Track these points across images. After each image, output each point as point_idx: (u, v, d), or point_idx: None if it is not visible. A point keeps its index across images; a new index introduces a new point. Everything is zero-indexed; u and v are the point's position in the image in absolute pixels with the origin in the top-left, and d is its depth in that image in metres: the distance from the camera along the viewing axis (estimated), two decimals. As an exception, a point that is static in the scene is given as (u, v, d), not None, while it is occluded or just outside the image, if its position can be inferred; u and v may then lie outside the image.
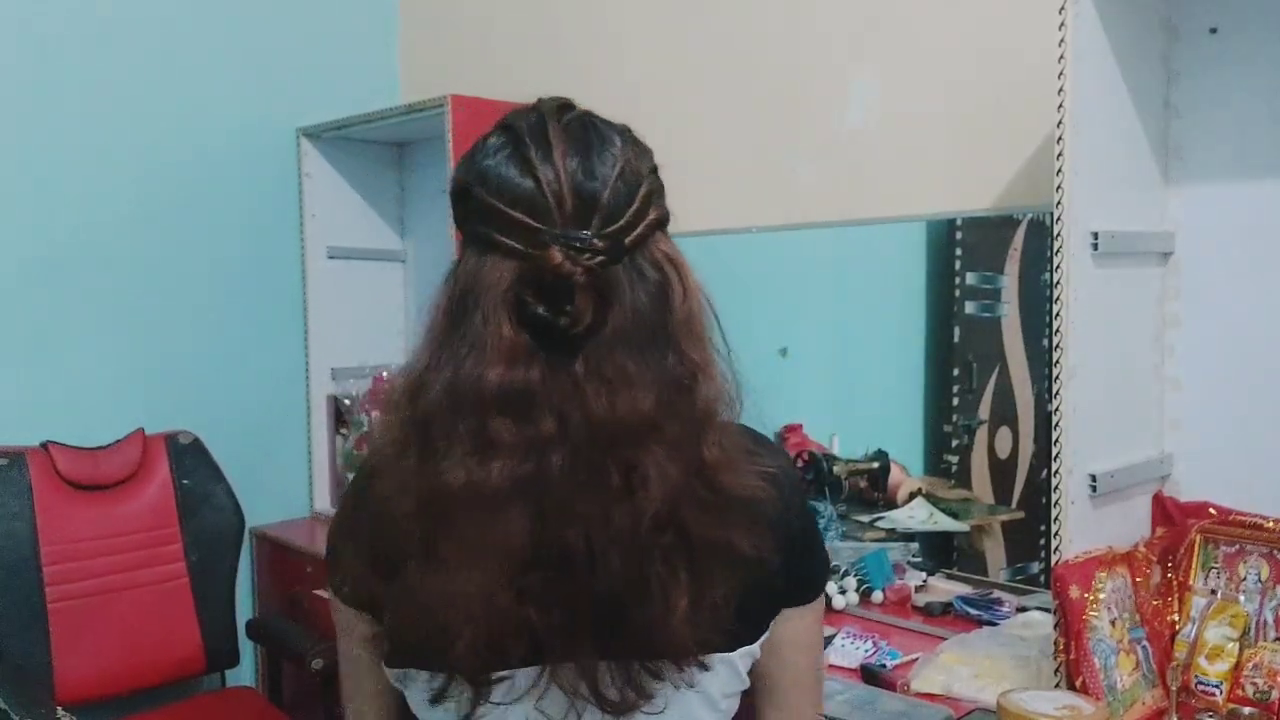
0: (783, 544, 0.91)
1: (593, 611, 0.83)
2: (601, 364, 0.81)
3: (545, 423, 0.80)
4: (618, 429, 0.80)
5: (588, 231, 0.82)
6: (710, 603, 0.84)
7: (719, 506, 0.84)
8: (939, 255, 2.12)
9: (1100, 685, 1.42)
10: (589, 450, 0.80)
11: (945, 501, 2.14)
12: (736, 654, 0.93)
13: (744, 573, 0.87)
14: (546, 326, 0.82)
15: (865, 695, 1.60)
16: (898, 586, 2.04)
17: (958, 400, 2.14)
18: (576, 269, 0.81)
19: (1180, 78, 1.62)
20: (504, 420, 0.80)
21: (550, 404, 0.81)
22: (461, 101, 2.43)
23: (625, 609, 0.82)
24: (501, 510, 0.80)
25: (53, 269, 2.51)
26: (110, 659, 2.34)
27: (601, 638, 0.84)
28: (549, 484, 0.80)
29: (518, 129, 0.88)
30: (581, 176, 0.84)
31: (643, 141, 0.92)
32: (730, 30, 2.29)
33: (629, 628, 0.83)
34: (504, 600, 0.81)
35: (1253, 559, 1.52)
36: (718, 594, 0.84)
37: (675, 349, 0.84)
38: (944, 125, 1.96)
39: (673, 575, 0.82)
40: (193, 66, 2.70)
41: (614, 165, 0.85)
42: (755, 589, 0.90)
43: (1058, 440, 1.46)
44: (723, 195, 2.31)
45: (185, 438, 2.56)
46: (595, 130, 0.89)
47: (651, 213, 0.87)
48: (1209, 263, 1.62)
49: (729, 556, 0.84)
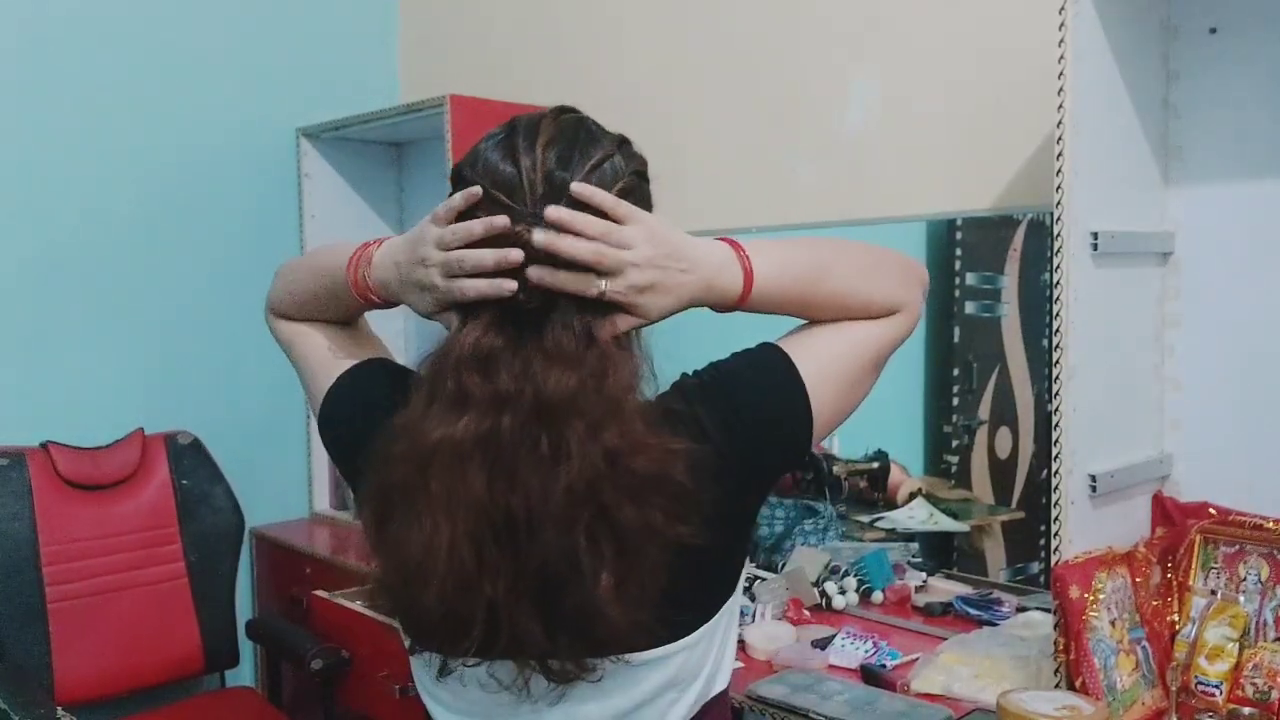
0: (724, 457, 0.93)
1: (532, 582, 0.88)
2: (547, 340, 0.89)
3: (503, 382, 0.88)
4: (548, 402, 0.87)
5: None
6: (640, 585, 0.87)
7: (635, 489, 0.87)
8: (939, 255, 2.12)
9: (1100, 685, 1.42)
10: (530, 419, 0.87)
11: (945, 502, 2.14)
12: (677, 646, 0.95)
13: (686, 559, 0.89)
14: (510, 299, 0.89)
15: (865, 695, 1.60)
16: (898, 587, 2.04)
17: (958, 400, 2.13)
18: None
19: (1180, 78, 1.62)
20: (474, 377, 0.88)
21: (507, 370, 0.88)
22: (461, 101, 2.43)
23: (560, 582, 0.87)
24: (465, 465, 0.87)
25: (53, 269, 2.51)
26: (110, 659, 2.34)
27: (541, 607, 0.88)
28: (501, 444, 0.87)
29: (517, 124, 0.94)
30: (555, 165, 0.91)
31: (638, 153, 0.98)
32: (730, 30, 2.29)
33: (565, 601, 0.88)
34: (467, 554, 0.86)
35: (1253, 559, 1.52)
36: (649, 578, 0.87)
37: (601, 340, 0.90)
38: (944, 125, 1.96)
39: (598, 553, 0.86)
40: (192, 67, 2.71)
41: (591, 159, 0.92)
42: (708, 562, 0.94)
43: (1058, 440, 1.46)
44: (723, 195, 2.31)
45: (185, 438, 2.56)
46: (585, 129, 0.95)
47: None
48: (1209, 263, 1.62)
49: (655, 539, 0.87)
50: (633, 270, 0.90)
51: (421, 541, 0.87)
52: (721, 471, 0.92)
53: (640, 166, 0.97)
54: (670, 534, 0.87)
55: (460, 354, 0.89)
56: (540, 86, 2.64)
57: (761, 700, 1.61)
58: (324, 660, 2.28)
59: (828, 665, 1.74)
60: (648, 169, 0.99)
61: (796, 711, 1.56)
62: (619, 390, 0.89)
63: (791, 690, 1.61)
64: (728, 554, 0.99)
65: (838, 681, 1.66)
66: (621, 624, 0.87)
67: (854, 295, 1.01)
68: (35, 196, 2.48)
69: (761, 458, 0.97)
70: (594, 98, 2.68)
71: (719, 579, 0.99)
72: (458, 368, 0.89)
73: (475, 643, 0.90)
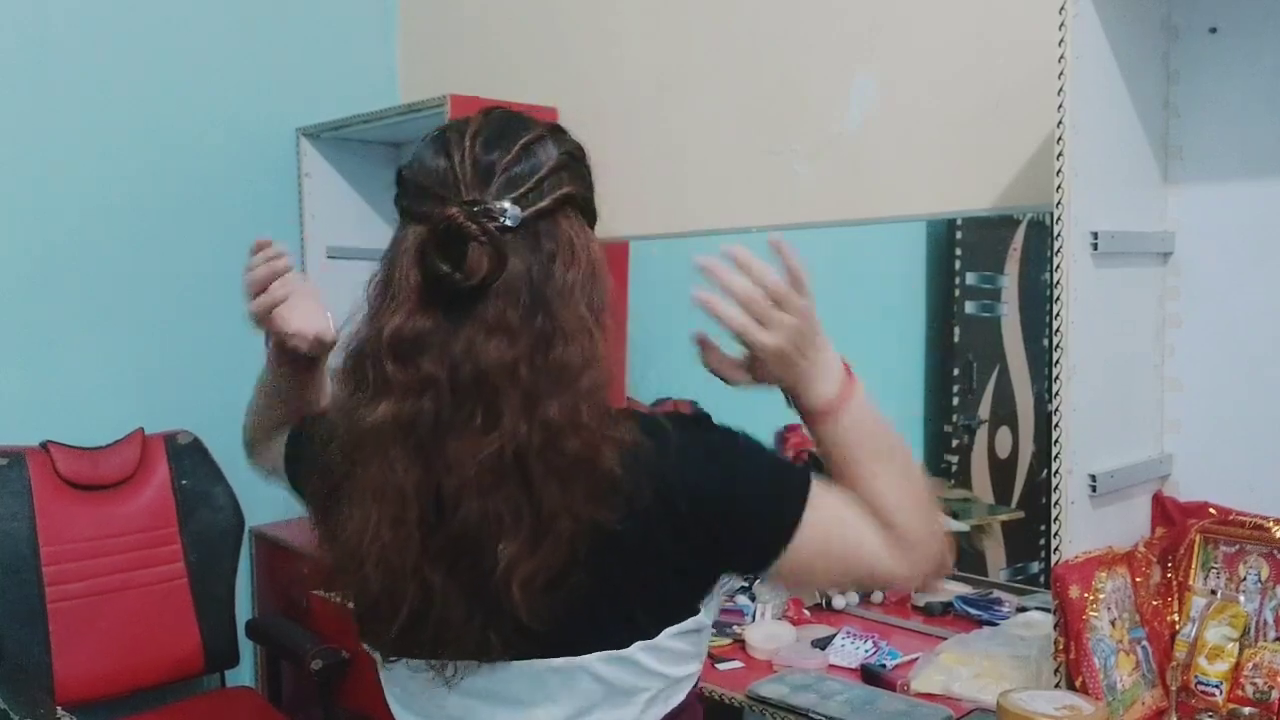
0: (656, 521, 0.90)
1: (454, 554, 0.89)
2: (487, 315, 0.90)
3: (426, 366, 0.89)
4: (483, 371, 0.88)
5: (487, 197, 0.91)
6: (550, 570, 0.87)
7: (562, 469, 0.87)
8: (939, 255, 2.12)
9: (1100, 685, 1.42)
10: (462, 393, 0.89)
11: (945, 501, 2.14)
12: (595, 657, 0.93)
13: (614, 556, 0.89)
14: (447, 280, 0.90)
15: (865, 695, 1.60)
16: (898, 586, 2.04)
17: (958, 400, 2.14)
18: (473, 226, 0.89)
19: (1180, 78, 1.62)
20: (396, 365, 0.90)
21: (438, 351, 0.90)
22: (461, 101, 2.42)
23: (476, 552, 0.88)
24: (391, 449, 0.89)
25: (53, 269, 2.51)
26: (110, 659, 2.34)
27: (461, 583, 0.90)
28: (424, 426, 0.89)
29: (450, 124, 0.99)
30: (482, 151, 0.94)
31: (572, 139, 1.00)
32: (730, 30, 2.29)
33: (481, 574, 0.89)
34: (397, 538, 0.89)
35: (1253, 559, 1.52)
36: (562, 564, 0.87)
37: (547, 311, 0.90)
38: (944, 125, 1.96)
39: (516, 528, 0.87)
40: (192, 66, 2.70)
41: (519, 144, 0.94)
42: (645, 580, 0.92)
43: (1058, 440, 1.46)
44: (723, 195, 2.30)
45: (185, 438, 2.56)
46: (513, 119, 0.98)
47: (557, 189, 0.94)
48: (1209, 263, 1.62)
49: (574, 524, 0.87)
50: (779, 333, 0.95)
51: (356, 528, 0.90)
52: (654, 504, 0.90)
53: (572, 149, 0.98)
54: (587, 519, 0.87)
55: (379, 342, 0.92)
56: (540, 86, 2.64)
57: (761, 700, 1.61)
58: (324, 660, 2.28)
59: (828, 665, 1.74)
60: (585, 154, 1.00)
61: (796, 711, 1.56)
62: (568, 366, 0.89)
63: (791, 690, 1.62)
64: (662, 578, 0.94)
65: (838, 681, 1.66)
66: (529, 606, 0.87)
67: (892, 491, 0.97)
68: (35, 196, 2.48)
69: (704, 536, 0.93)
70: (594, 98, 2.70)
71: (657, 599, 0.95)
72: (376, 355, 0.91)
73: (405, 623, 0.92)
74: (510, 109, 1.00)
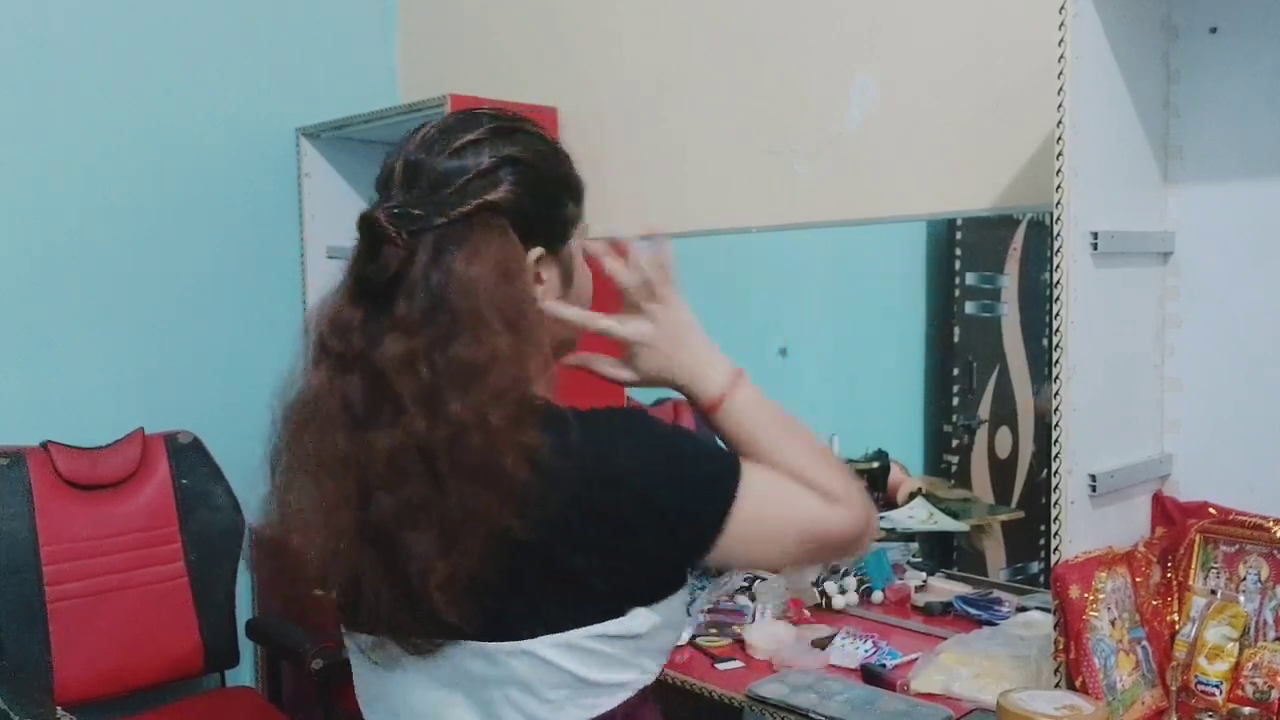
0: (569, 523, 0.90)
1: (376, 541, 0.91)
2: (395, 311, 0.93)
3: (350, 354, 0.94)
4: (386, 365, 0.91)
5: (409, 198, 0.95)
6: (468, 574, 0.88)
7: (470, 468, 0.88)
8: (939, 255, 2.12)
9: (1100, 685, 1.42)
10: (374, 384, 0.92)
11: (945, 501, 2.14)
12: (510, 647, 0.93)
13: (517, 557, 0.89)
14: (364, 277, 0.95)
15: (865, 695, 1.60)
16: (898, 586, 2.04)
17: (958, 400, 2.14)
18: (389, 229, 0.93)
19: (1180, 78, 1.62)
20: (330, 344, 0.95)
21: (360, 340, 0.94)
22: (461, 101, 2.42)
23: (390, 543, 0.90)
24: (326, 427, 0.93)
25: (53, 269, 2.51)
26: (110, 659, 2.34)
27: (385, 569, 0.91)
28: (353, 405, 0.93)
29: (424, 120, 1.02)
30: (417, 152, 0.97)
31: (535, 140, 1.00)
32: (730, 30, 2.29)
33: (397, 562, 0.90)
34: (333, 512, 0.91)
35: (1252, 559, 1.52)
36: (475, 566, 0.88)
37: (447, 309, 0.92)
38: (944, 125, 1.96)
39: (427, 521, 0.88)
40: (192, 66, 2.70)
41: (453, 146, 0.97)
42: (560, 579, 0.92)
43: (1058, 440, 1.46)
44: (723, 195, 2.30)
45: (185, 437, 2.56)
46: (469, 120, 0.99)
47: (482, 194, 0.95)
48: (1209, 263, 1.62)
49: (479, 521, 0.87)
50: (650, 324, 1.02)
51: (299, 499, 0.94)
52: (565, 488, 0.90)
53: (518, 154, 0.98)
54: (497, 522, 0.87)
55: (323, 323, 0.97)
56: (540, 86, 2.64)
57: (761, 700, 1.61)
58: (324, 660, 2.28)
59: (828, 665, 1.74)
60: (546, 157, 1.00)
61: (796, 711, 1.56)
62: (470, 364, 0.90)
63: (791, 690, 1.62)
64: (576, 576, 0.93)
65: (838, 681, 1.66)
66: (450, 606, 0.88)
67: (802, 456, 0.99)
68: (35, 196, 2.48)
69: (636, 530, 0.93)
70: (594, 98, 2.70)
71: (572, 597, 0.94)
72: (320, 335, 0.97)
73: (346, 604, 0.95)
74: (480, 109, 1.02)
